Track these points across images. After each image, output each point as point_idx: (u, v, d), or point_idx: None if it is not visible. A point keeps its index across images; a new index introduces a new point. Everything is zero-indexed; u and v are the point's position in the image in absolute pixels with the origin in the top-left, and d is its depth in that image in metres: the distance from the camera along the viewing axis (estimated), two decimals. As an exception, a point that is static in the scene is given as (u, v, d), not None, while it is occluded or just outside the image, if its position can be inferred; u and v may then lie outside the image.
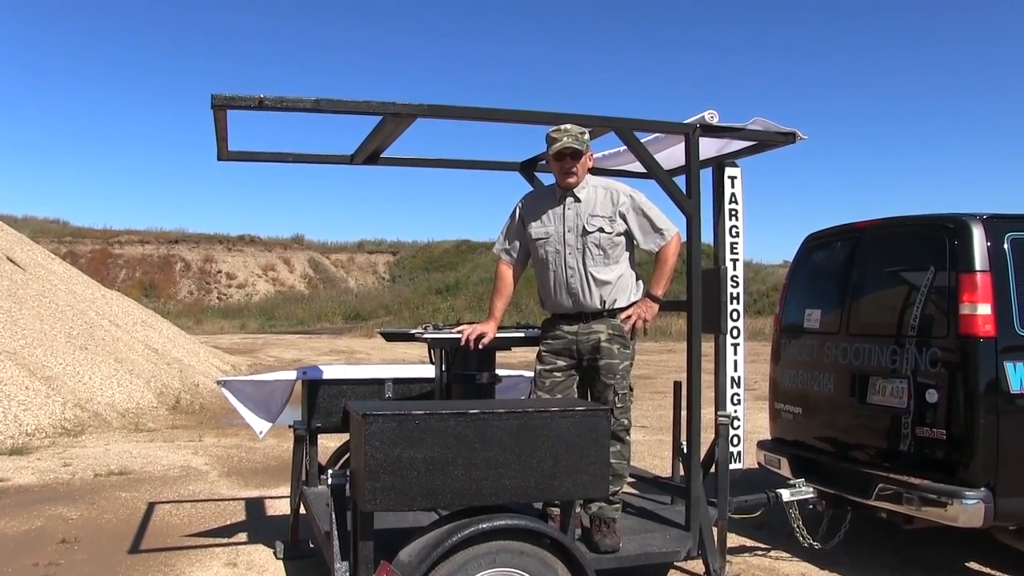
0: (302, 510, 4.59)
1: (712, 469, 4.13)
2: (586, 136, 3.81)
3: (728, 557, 4.07)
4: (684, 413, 4.13)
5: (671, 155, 4.40)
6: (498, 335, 3.96)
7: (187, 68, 76.41)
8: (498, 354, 4.17)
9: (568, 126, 3.74)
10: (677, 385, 4.55)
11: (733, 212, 4.27)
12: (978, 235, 4.21)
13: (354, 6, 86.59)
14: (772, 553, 4.94)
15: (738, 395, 4.26)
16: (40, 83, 72.25)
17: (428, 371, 4.41)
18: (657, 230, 3.85)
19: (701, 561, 3.90)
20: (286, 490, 5.70)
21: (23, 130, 75.17)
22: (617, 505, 3.83)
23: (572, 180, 3.80)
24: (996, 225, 4.26)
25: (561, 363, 3.87)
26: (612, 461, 3.61)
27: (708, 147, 4.33)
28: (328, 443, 5.48)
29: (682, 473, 4.32)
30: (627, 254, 3.89)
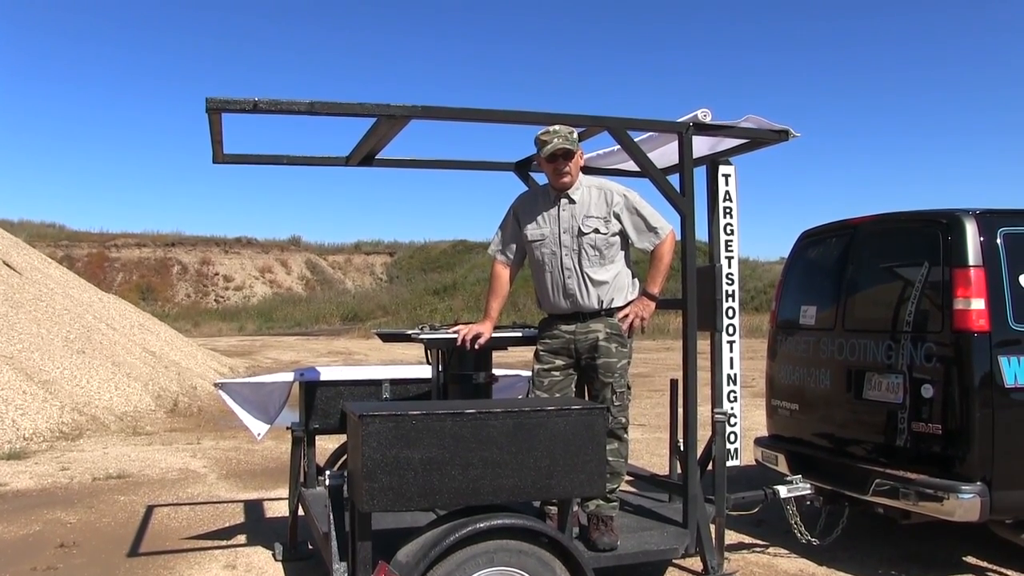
0: (301, 511, 4.60)
1: (709, 466, 4.15)
2: (575, 135, 3.81)
3: (726, 554, 4.08)
4: (681, 411, 4.14)
5: (664, 154, 4.41)
6: (494, 335, 3.97)
7: (183, 71, 76.41)
8: (495, 354, 4.18)
9: (557, 127, 3.74)
10: (674, 383, 4.56)
11: (727, 210, 4.28)
12: (971, 230, 4.22)
13: (348, 9, 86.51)
14: (770, 549, 4.95)
15: (735, 392, 4.27)
16: (36, 87, 72.21)
17: (425, 371, 4.41)
18: (651, 229, 3.86)
19: (699, 558, 3.91)
20: (285, 492, 5.70)
21: (19, 134, 75.09)
22: (615, 503, 3.84)
23: (566, 180, 3.81)
24: (989, 220, 4.28)
25: (559, 362, 3.88)
26: (610, 459, 3.62)
27: (701, 145, 4.34)
28: (326, 444, 5.49)
29: (680, 471, 4.33)
30: (622, 253, 3.90)
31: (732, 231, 4.29)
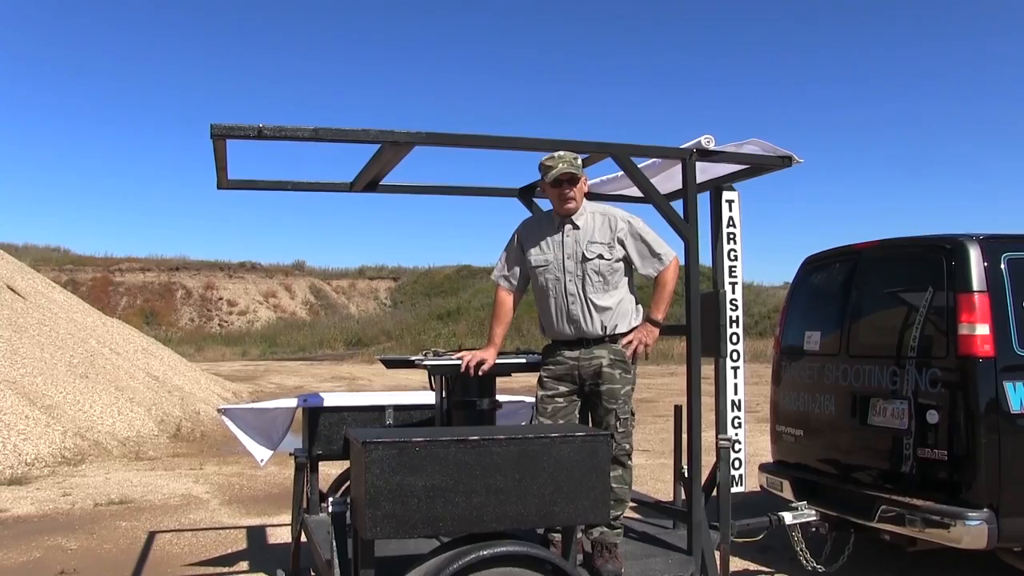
0: (303, 538, 4.57)
1: (714, 493, 4.12)
2: (579, 161, 3.82)
3: (731, 582, 4.05)
4: (685, 437, 4.12)
5: (668, 179, 4.42)
6: (498, 361, 3.96)
7: (187, 97, 76.94)
8: (499, 380, 4.17)
9: (561, 152, 3.75)
10: (678, 409, 4.54)
11: (731, 236, 4.28)
12: (975, 255, 4.23)
13: (350, 37, 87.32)
14: (776, 577, 4.91)
15: (739, 418, 4.25)
16: (41, 111, 72.68)
17: (429, 397, 4.40)
18: (655, 255, 3.86)
19: (704, 586, 3.87)
20: (287, 518, 5.67)
21: (23, 158, 75.53)
22: (619, 530, 3.81)
23: (571, 206, 3.82)
24: (993, 245, 4.28)
25: (563, 388, 3.87)
26: (614, 486, 3.60)
27: (704, 171, 4.35)
28: (329, 471, 5.46)
29: (684, 497, 4.30)
30: (626, 279, 3.90)
31: (736, 256, 4.28)
